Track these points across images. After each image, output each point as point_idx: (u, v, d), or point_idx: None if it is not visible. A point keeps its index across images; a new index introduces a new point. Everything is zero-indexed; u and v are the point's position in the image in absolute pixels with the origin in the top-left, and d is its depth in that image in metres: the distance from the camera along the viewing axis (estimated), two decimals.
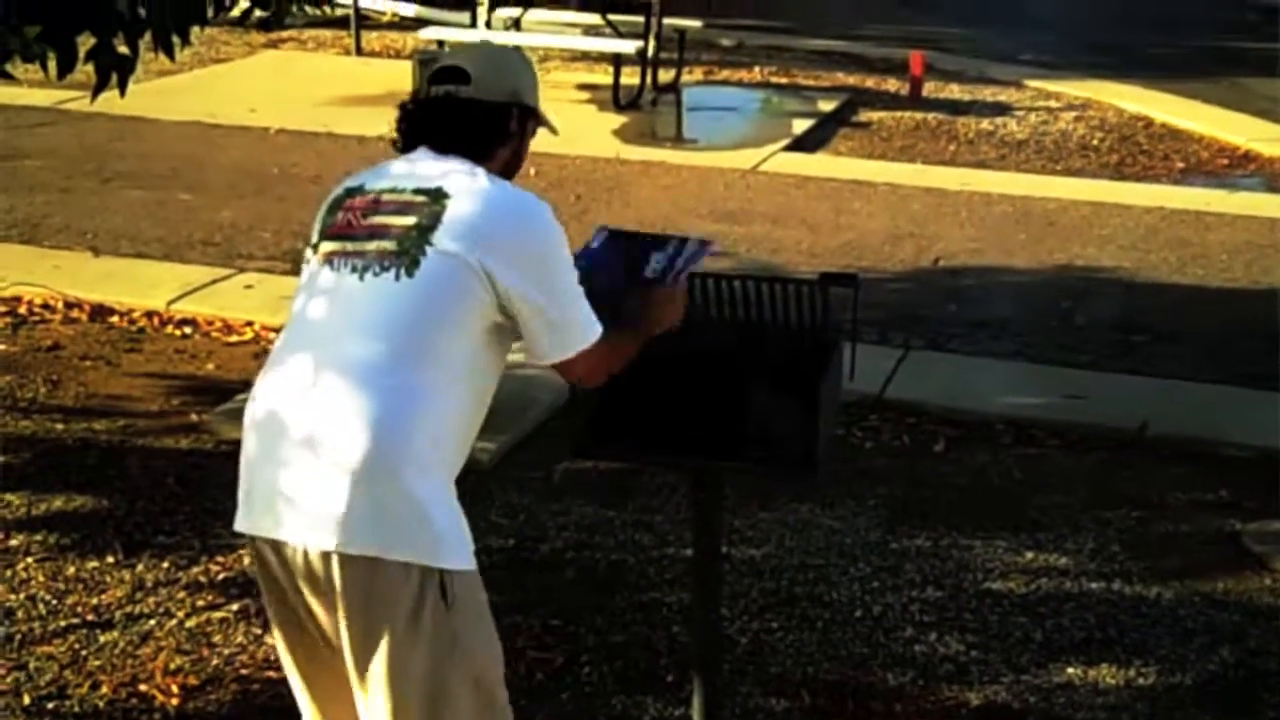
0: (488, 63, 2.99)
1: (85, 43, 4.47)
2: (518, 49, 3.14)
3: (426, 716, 2.76)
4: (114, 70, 4.49)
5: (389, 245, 2.78)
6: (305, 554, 2.72)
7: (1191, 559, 5.00)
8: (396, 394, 2.71)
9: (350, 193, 2.93)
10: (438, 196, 2.81)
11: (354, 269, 2.79)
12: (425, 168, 2.88)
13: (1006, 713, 4.10)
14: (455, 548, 2.76)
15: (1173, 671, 4.33)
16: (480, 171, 2.87)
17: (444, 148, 2.91)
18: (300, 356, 2.78)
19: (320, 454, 2.69)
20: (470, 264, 2.75)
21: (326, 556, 2.70)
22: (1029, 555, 4.97)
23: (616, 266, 3.08)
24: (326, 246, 2.87)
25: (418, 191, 2.83)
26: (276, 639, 2.96)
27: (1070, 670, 4.31)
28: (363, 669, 2.75)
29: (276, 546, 2.77)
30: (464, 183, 2.83)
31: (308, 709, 3.00)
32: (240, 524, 2.85)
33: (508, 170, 2.99)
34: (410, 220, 2.79)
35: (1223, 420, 6.00)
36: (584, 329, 2.87)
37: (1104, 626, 4.55)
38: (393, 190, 2.86)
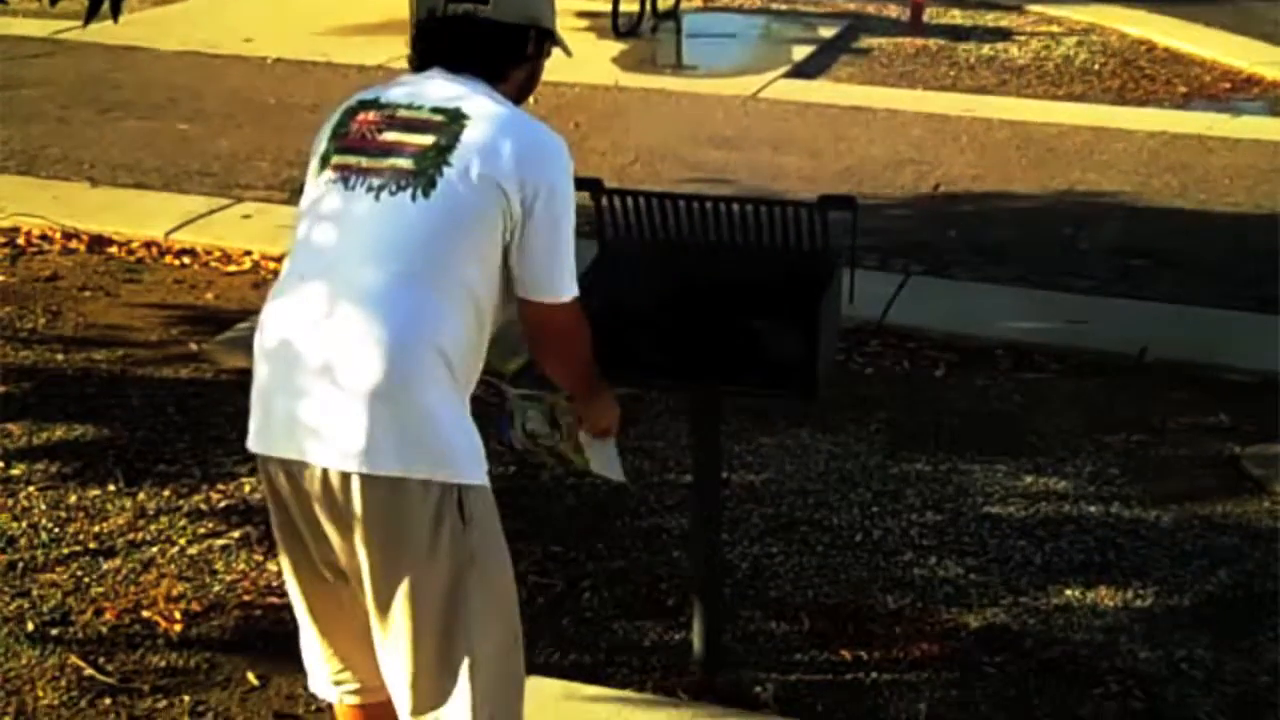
0: None
1: None
2: None
3: (444, 634, 2.77)
4: None
5: (405, 164, 2.75)
6: (325, 476, 2.71)
7: (1190, 483, 5.01)
8: (411, 314, 2.70)
9: (364, 105, 2.88)
10: (456, 117, 2.77)
11: (369, 188, 2.76)
12: (442, 87, 2.84)
13: (1005, 634, 4.12)
14: (471, 464, 2.77)
15: (1171, 594, 4.35)
16: (499, 96, 2.85)
17: (459, 68, 2.87)
18: (312, 282, 2.76)
19: (338, 380, 2.68)
20: (488, 185, 2.72)
21: (347, 478, 2.69)
22: (1028, 479, 4.98)
23: None
24: (338, 159, 2.82)
25: (435, 110, 2.79)
26: (282, 562, 2.97)
27: (1069, 593, 4.33)
28: (383, 590, 2.76)
29: (290, 469, 2.76)
30: (483, 106, 2.79)
31: (310, 632, 3.01)
32: (254, 445, 2.83)
33: (522, 92, 2.96)
34: (428, 139, 2.76)
35: (1223, 345, 6.00)
36: (562, 280, 2.83)
37: (1103, 549, 4.56)
38: (409, 106, 2.82)
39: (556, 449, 3.26)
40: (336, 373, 2.68)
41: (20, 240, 6.92)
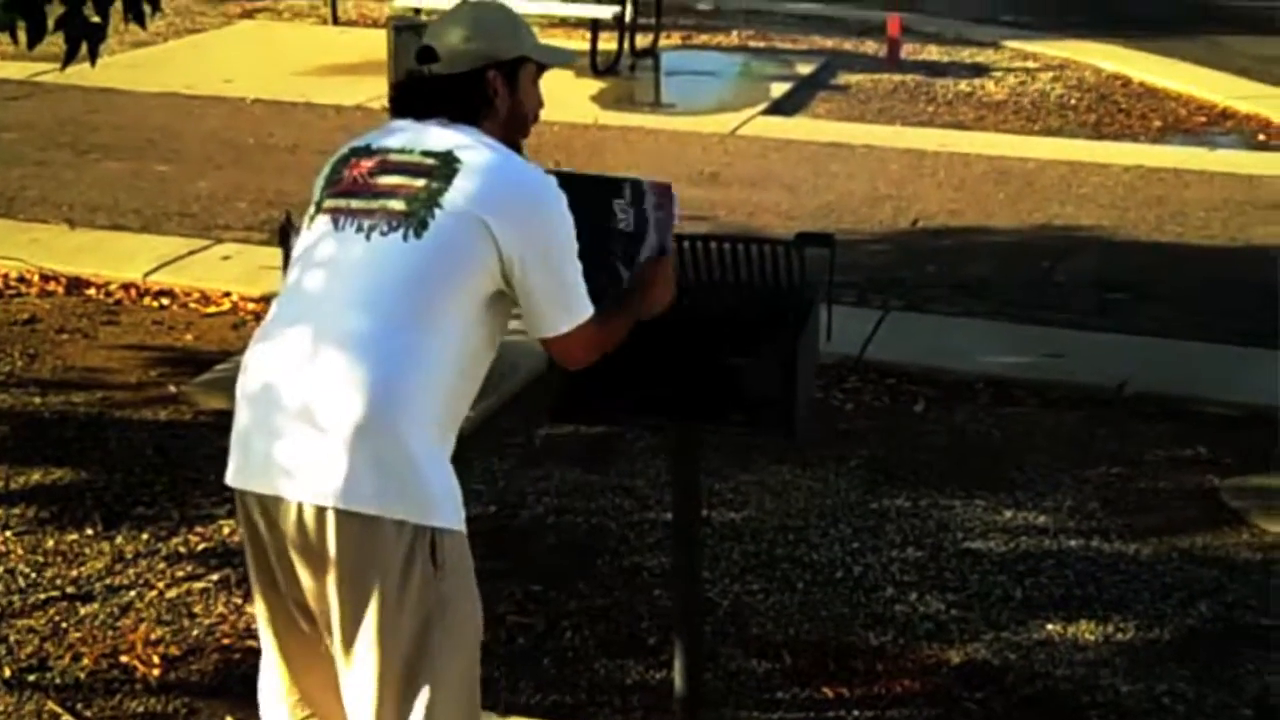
0: (456, 30, 2.96)
1: (55, 11, 4.44)
2: (494, 3, 3.08)
3: (408, 679, 2.76)
4: (84, 39, 4.46)
5: (397, 205, 2.78)
6: (300, 512, 2.71)
7: (1170, 515, 5.02)
8: (396, 355, 2.71)
9: (356, 152, 2.91)
10: (448, 160, 2.80)
11: (359, 228, 2.78)
12: (434, 132, 2.87)
13: (987, 670, 4.12)
14: (448, 508, 2.77)
15: (1151, 627, 4.35)
16: (490, 140, 2.88)
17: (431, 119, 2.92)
18: (298, 325, 2.77)
19: (318, 422, 2.69)
20: (479, 227, 2.74)
21: (321, 514, 2.69)
22: (1008, 514, 4.99)
23: (580, 217, 2.99)
24: (330, 203, 2.86)
25: (427, 154, 2.83)
26: (256, 601, 2.96)
27: (1050, 627, 4.33)
28: (350, 631, 2.75)
29: (266, 505, 2.76)
30: (475, 150, 2.83)
31: (277, 675, 2.99)
32: (231, 480, 2.84)
33: (509, 129, 2.97)
34: (420, 182, 2.79)
35: (1201, 377, 6.02)
36: (579, 307, 2.87)
37: (1083, 584, 4.56)
38: (401, 151, 2.86)
39: None
40: (317, 414, 2.69)
41: None
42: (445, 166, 2.79)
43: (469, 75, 2.93)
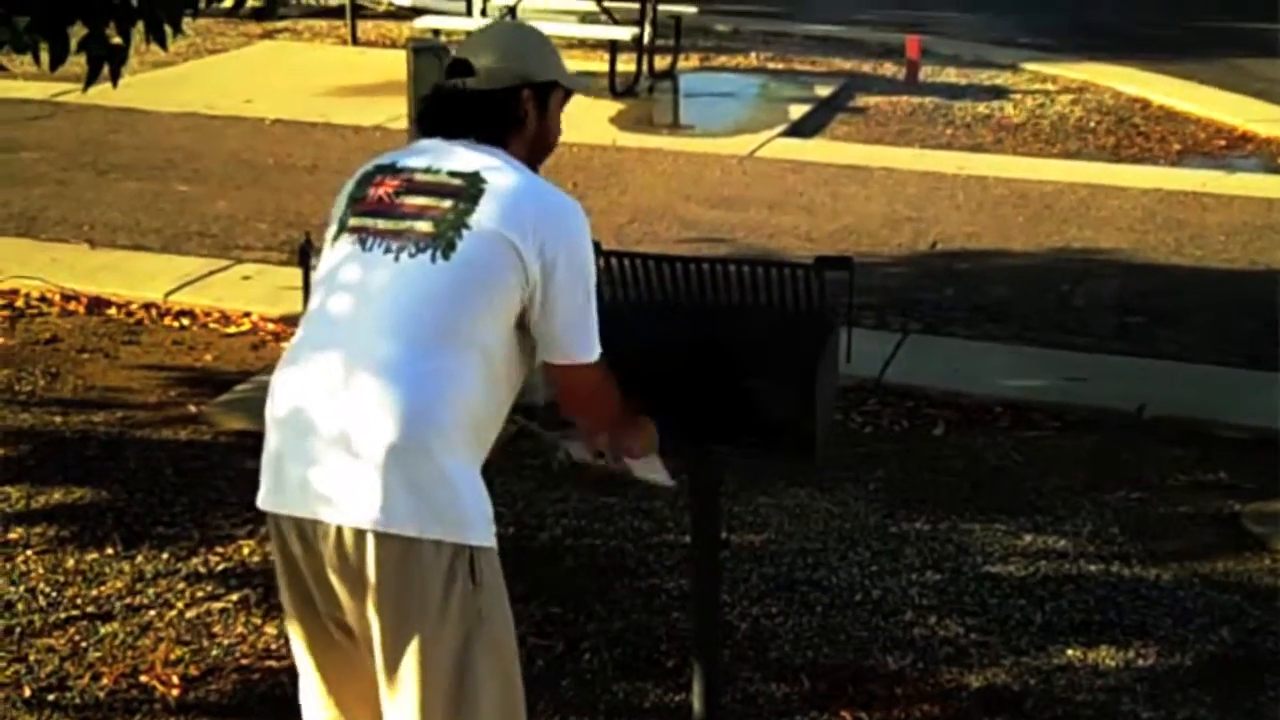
0: (492, 49, 2.98)
1: (78, 33, 4.46)
2: (529, 26, 3.13)
3: (453, 696, 2.78)
4: (106, 60, 4.48)
5: (424, 226, 2.79)
6: (338, 534, 2.72)
7: (1191, 540, 5.00)
8: (427, 379, 2.73)
9: (381, 170, 2.92)
10: (475, 181, 2.82)
11: (387, 249, 2.79)
12: (460, 153, 2.89)
13: (1006, 695, 4.10)
14: (482, 525, 2.79)
15: (1172, 653, 4.33)
16: (515, 162, 2.90)
17: (459, 137, 2.92)
18: (328, 350, 2.78)
19: (353, 447, 2.70)
20: (507, 248, 2.76)
21: (361, 536, 2.70)
22: (1028, 538, 4.97)
23: None
24: (355, 222, 2.86)
25: (454, 174, 2.84)
26: (290, 623, 2.96)
27: (1070, 652, 4.31)
28: (392, 652, 2.77)
29: (303, 528, 2.78)
30: (501, 171, 2.85)
31: (316, 694, 2.99)
32: (265, 504, 2.85)
33: (534, 150, 3.00)
34: (446, 203, 2.80)
35: (1221, 401, 6.00)
36: (586, 342, 2.89)
37: (1103, 608, 4.55)
38: (427, 170, 2.87)
39: (606, 468, 3.35)
40: (352, 440, 2.71)
41: (19, 303, 6.94)
42: (472, 187, 2.81)
43: (505, 93, 2.95)
